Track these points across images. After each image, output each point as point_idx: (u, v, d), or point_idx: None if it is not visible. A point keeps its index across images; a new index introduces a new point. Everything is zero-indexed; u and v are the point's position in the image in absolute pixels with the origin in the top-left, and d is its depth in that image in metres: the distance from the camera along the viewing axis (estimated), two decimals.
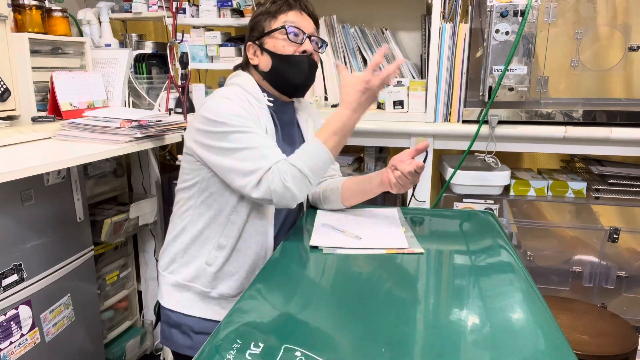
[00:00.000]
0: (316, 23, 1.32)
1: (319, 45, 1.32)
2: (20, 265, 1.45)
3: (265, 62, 1.27)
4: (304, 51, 1.26)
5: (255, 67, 1.29)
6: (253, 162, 1.13)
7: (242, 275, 1.26)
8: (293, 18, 1.26)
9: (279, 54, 1.25)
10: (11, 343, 1.42)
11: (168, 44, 1.86)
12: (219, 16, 1.99)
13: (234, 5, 1.96)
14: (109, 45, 2.03)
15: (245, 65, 1.33)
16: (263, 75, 1.29)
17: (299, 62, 1.27)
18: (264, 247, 1.26)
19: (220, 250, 1.24)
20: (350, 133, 1.18)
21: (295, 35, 1.25)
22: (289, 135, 1.34)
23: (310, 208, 1.43)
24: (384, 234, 1.18)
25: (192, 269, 1.26)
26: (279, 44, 1.25)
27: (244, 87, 1.27)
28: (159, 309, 1.36)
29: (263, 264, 1.26)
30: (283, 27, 1.24)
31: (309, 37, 1.27)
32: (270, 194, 1.12)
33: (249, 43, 1.30)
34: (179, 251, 1.28)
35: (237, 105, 1.18)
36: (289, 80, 1.28)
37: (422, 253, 1.07)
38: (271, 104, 1.28)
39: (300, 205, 1.41)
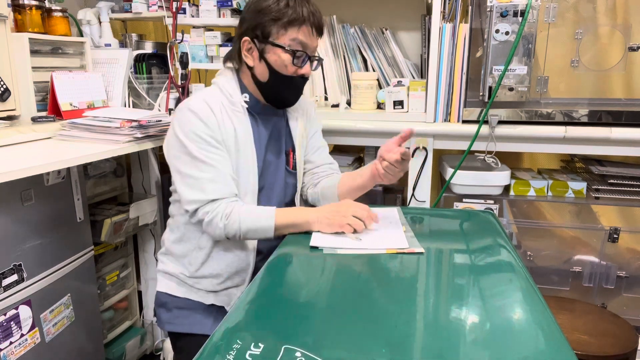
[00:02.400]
0: (320, 37, 1.27)
1: (315, 61, 1.28)
2: (20, 265, 1.45)
3: (261, 71, 1.24)
4: (302, 74, 1.25)
5: (250, 68, 1.26)
6: (192, 192, 1.17)
7: (225, 276, 1.29)
8: (303, 37, 1.20)
9: (278, 73, 1.22)
10: (11, 343, 1.42)
11: (168, 44, 1.86)
12: (219, 16, 1.98)
13: (234, 5, 1.96)
14: (109, 45, 2.03)
15: (236, 58, 1.28)
16: (255, 82, 1.26)
17: (295, 85, 1.26)
18: (244, 250, 1.27)
19: (199, 251, 1.28)
20: (300, 230, 1.20)
21: (299, 58, 1.21)
22: (266, 135, 1.32)
23: None
24: (384, 233, 1.18)
25: (180, 265, 1.32)
26: (280, 62, 1.21)
27: (221, 88, 1.26)
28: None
29: (249, 266, 1.28)
30: (291, 49, 1.19)
31: (310, 58, 1.24)
32: (202, 222, 1.18)
33: (247, 39, 1.22)
34: (169, 248, 1.35)
35: (200, 123, 1.17)
36: (281, 98, 1.29)
37: (422, 253, 1.07)
38: (247, 104, 1.27)
39: (289, 204, 1.42)
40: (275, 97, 1.28)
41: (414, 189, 1.81)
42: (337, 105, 1.97)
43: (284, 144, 1.37)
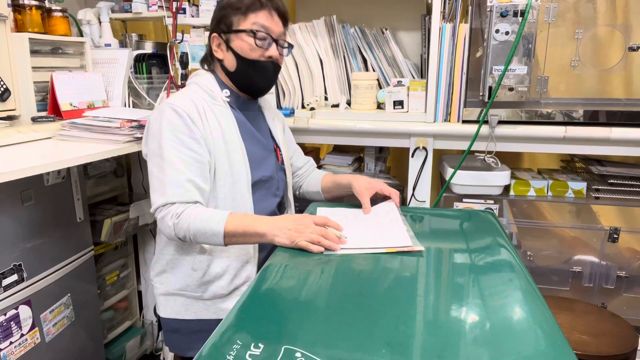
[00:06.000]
0: (285, 23, 1.30)
1: (285, 47, 1.31)
2: (20, 265, 1.45)
3: (229, 61, 1.27)
4: (270, 56, 1.26)
5: (220, 61, 1.29)
6: (154, 192, 1.18)
7: (232, 273, 1.27)
8: (263, 20, 1.24)
9: (245, 58, 1.25)
10: (11, 343, 1.42)
11: (168, 44, 1.86)
12: None
13: None
14: (109, 45, 2.03)
15: (210, 57, 1.32)
16: (227, 74, 1.29)
17: (264, 68, 1.27)
18: (247, 244, 1.26)
19: (203, 254, 1.25)
20: (251, 241, 1.19)
21: (263, 39, 1.24)
22: (251, 129, 1.33)
23: (310, 204, 1.44)
24: (384, 232, 1.18)
25: (180, 277, 1.28)
26: (245, 46, 1.24)
27: (200, 86, 1.28)
28: (159, 318, 1.37)
29: (253, 259, 1.28)
30: (252, 31, 1.23)
31: (276, 41, 1.26)
32: (157, 220, 1.19)
33: (214, 34, 1.28)
34: (167, 262, 1.30)
35: (181, 121, 1.17)
36: (252, 84, 1.30)
37: (422, 252, 1.07)
38: (228, 99, 1.29)
39: (282, 199, 1.43)
40: (246, 83, 1.30)
41: (414, 188, 1.81)
42: (337, 105, 1.97)
43: (270, 139, 1.41)
